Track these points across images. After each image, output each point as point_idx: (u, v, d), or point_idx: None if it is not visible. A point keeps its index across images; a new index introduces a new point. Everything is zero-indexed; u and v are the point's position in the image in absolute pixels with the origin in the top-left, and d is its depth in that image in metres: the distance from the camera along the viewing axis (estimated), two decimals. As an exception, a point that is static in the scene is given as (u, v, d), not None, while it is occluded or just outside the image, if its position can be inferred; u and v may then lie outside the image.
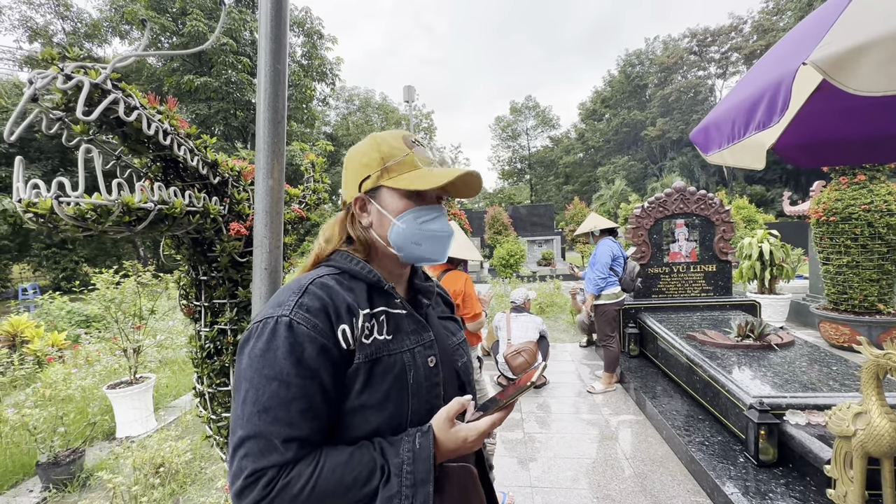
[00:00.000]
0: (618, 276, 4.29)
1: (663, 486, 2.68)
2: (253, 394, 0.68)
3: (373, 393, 0.74)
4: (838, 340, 5.14)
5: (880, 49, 1.07)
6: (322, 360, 0.70)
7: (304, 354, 0.69)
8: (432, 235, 0.83)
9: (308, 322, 0.71)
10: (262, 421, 0.67)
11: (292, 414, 0.67)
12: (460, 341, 0.97)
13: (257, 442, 0.66)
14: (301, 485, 0.65)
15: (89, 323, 7.06)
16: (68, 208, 0.99)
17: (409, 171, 0.82)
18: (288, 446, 0.67)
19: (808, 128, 2.09)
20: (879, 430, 1.66)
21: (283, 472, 0.66)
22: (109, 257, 19.27)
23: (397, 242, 0.83)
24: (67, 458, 3.00)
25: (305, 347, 0.69)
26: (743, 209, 16.09)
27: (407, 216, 0.82)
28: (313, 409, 0.69)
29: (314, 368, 0.69)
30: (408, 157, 0.82)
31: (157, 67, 21.14)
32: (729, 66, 39.82)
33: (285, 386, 0.68)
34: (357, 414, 0.74)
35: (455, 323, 1.02)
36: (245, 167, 1.58)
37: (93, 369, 4.54)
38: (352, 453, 0.70)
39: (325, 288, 0.76)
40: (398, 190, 0.82)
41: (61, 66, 0.99)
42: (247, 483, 0.65)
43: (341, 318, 0.73)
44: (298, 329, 0.70)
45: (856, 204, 5.00)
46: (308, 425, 0.68)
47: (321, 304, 0.73)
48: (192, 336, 1.63)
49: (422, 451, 0.70)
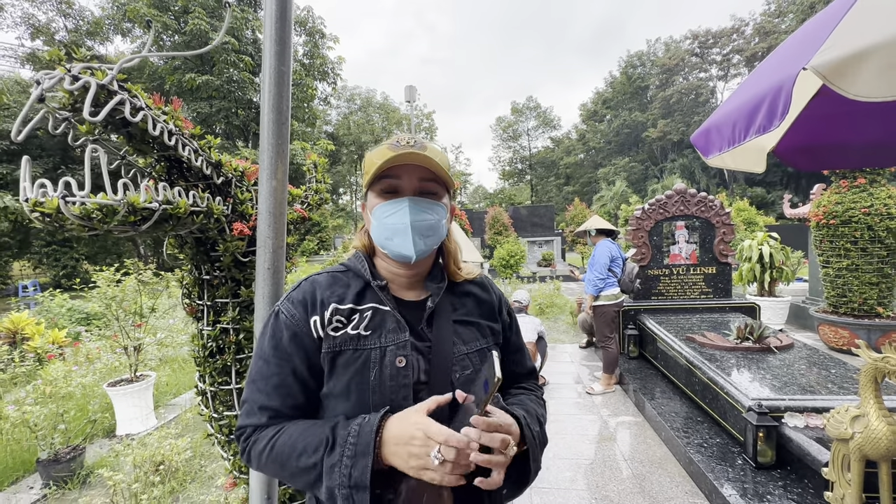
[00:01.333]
0: (617, 277, 4.30)
1: (661, 488, 2.69)
2: (251, 367, 0.85)
3: (336, 383, 0.81)
4: (837, 343, 5.15)
5: (881, 55, 1.08)
6: (294, 345, 0.81)
7: (282, 340, 0.82)
8: (394, 229, 0.84)
9: (288, 311, 0.83)
10: (250, 389, 0.83)
11: (269, 387, 0.81)
12: (472, 350, 0.88)
13: (247, 405, 0.83)
14: (263, 444, 0.77)
15: (90, 320, 7.06)
16: (74, 208, 1.00)
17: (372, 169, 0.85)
18: (262, 412, 0.80)
19: (809, 131, 2.10)
20: (877, 433, 1.66)
21: (256, 432, 0.80)
22: (110, 255, 19.29)
23: (377, 240, 0.89)
24: (68, 456, 3.01)
25: (283, 334, 0.82)
26: (743, 211, 16.10)
27: (375, 212, 0.86)
28: (285, 386, 0.81)
29: (288, 352, 0.81)
30: (376, 153, 0.84)
31: (159, 66, 21.15)
32: (730, 69, 39.85)
33: (266, 363, 0.82)
34: (329, 399, 0.82)
35: (475, 329, 0.92)
36: (248, 167, 1.59)
37: (93, 367, 4.55)
38: (310, 425, 0.78)
39: (313, 283, 0.87)
40: (372, 189, 0.87)
41: (68, 67, 1.00)
42: (237, 435, 0.82)
43: (315, 309, 0.83)
44: (281, 317, 0.83)
45: (856, 207, 5.01)
46: (279, 399, 0.80)
47: (302, 297, 0.85)
48: (194, 335, 1.64)
49: (367, 425, 0.73)
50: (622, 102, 47.50)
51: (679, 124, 39.25)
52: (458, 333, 0.89)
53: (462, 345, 0.88)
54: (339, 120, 40.04)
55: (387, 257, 0.90)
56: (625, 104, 47.15)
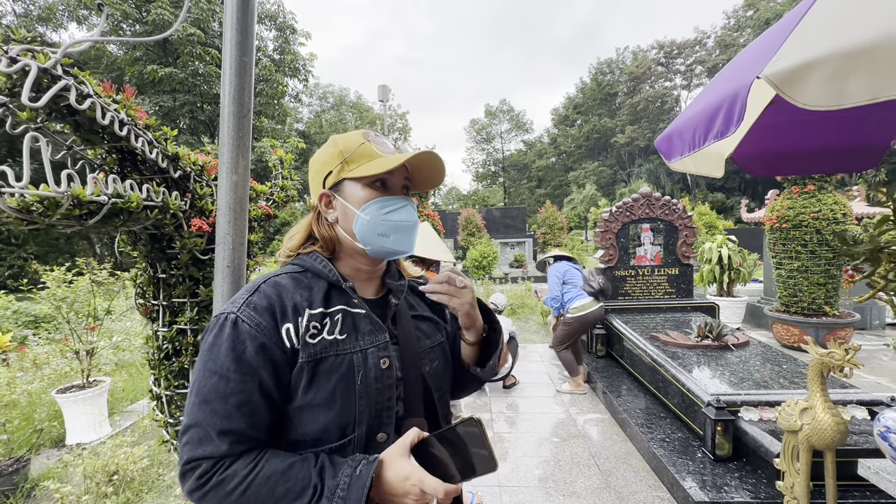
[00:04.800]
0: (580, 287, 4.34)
1: (626, 483, 2.76)
2: (197, 385, 0.71)
3: (318, 392, 0.74)
4: (789, 341, 5.45)
5: (827, 65, 1.14)
6: (261, 358, 0.72)
7: (245, 352, 0.71)
8: (397, 226, 0.82)
9: (252, 320, 0.73)
10: (202, 411, 0.69)
11: (229, 407, 0.69)
12: (434, 344, 0.92)
13: (196, 431, 0.69)
14: (234, 485, 0.67)
15: (38, 323, 6.62)
16: (11, 199, 0.92)
17: (368, 160, 0.82)
18: (223, 438, 0.68)
19: (763, 139, 2.21)
20: (823, 424, 1.76)
21: (218, 467, 0.68)
22: (62, 254, 18.16)
23: (363, 235, 0.82)
24: (10, 468, 2.80)
25: (247, 345, 0.71)
26: (705, 215, 16.82)
27: (370, 207, 0.81)
28: (251, 405, 0.71)
29: (253, 366, 0.71)
30: (364, 147, 0.82)
31: (118, 56, 20.15)
32: (693, 79, 41.61)
33: (224, 380, 0.70)
34: (305, 412, 0.75)
35: (432, 325, 0.96)
36: (209, 161, 1.52)
37: (41, 373, 4.26)
38: (291, 465, 0.70)
39: (277, 287, 0.78)
40: (360, 180, 0.82)
41: (5, 48, 0.93)
42: (184, 470, 0.69)
43: (287, 317, 0.75)
44: (242, 327, 0.72)
45: (805, 212, 5.32)
46: (245, 420, 0.70)
47: (268, 303, 0.75)
48: (148, 336, 1.56)
49: (359, 478, 0.68)
50: (592, 108, 48.77)
51: (646, 131, 40.67)
52: (419, 329, 0.91)
53: (426, 339, 0.91)
54: (310, 118, 39.29)
55: (358, 254, 0.85)
56: (595, 110, 48.43)
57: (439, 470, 0.70)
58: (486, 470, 0.69)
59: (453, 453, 0.71)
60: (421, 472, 0.69)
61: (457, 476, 0.70)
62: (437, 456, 0.72)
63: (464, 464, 0.70)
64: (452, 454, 0.71)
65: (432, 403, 0.89)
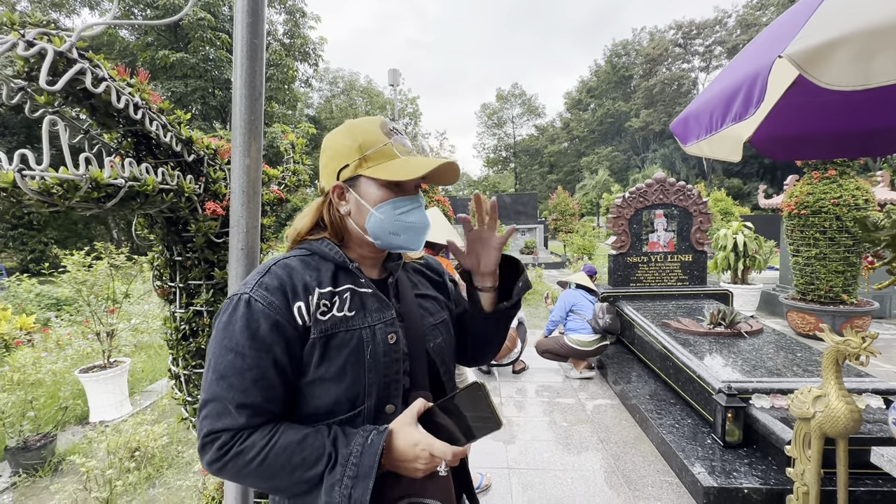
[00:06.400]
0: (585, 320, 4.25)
1: (635, 467, 2.78)
2: (214, 362, 0.75)
3: (329, 366, 0.78)
4: (804, 329, 5.37)
5: (853, 43, 1.09)
6: (275, 334, 0.75)
7: (259, 330, 0.74)
8: (410, 226, 0.85)
9: (265, 300, 0.76)
10: (220, 387, 0.73)
11: (246, 382, 0.73)
12: (438, 322, 0.96)
13: (215, 405, 0.73)
14: (253, 455, 0.71)
15: (60, 306, 6.83)
16: (32, 182, 0.95)
17: (388, 160, 0.83)
18: (240, 412, 0.72)
19: (784, 121, 2.14)
20: (836, 412, 1.75)
21: (237, 438, 0.72)
22: (80, 239, 18.57)
23: (375, 232, 0.84)
24: (38, 443, 2.93)
25: (261, 323, 0.75)
26: (720, 201, 16.51)
27: (385, 207, 0.83)
28: (266, 379, 0.74)
29: (268, 342, 0.75)
30: (386, 147, 0.82)
31: (131, 42, 20.21)
32: (712, 60, 40.35)
33: (241, 357, 0.73)
34: (316, 385, 0.79)
35: (435, 303, 0.99)
36: (221, 145, 1.54)
37: (64, 353, 4.41)
38: (306, 435, 0.74)
39: (287, 268, 0.81)
40: (377, 180, 0.83)
41: (22, 32, 0.94)
42: (204, 442, 0.73)
43: (298, 295, 0.78)
44: (255, 306, 0.75)
45: (825, 198, 5.18)
46: (261, 394, 0.74)
47: (279, 283, 0.78)
48: (166, 318, 1.60)
49: (371, 446, 0.73)
50: (606, 92, 47.71)
51: (661, 114, 39.71)
52: (422, 307, 0.95)
53: (429, 316, 0.95)
54: (321, 103, 39.11)
55: (366, 244, 0.88)
56: (609, 93, 47.38)
57: (444, 435, 0.76)
58: (492, 429, 0.75)
59: (458, 419, 0.76)
60: (429, 438, 0.74)
61: (462, 439, 0.76)
62: (442, 423, 0.77)
63: (469, 427, 0.76)
64: (457, 420, 0.76)
65: (437, 377, 0.93)
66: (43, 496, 2.68)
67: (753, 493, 2.28)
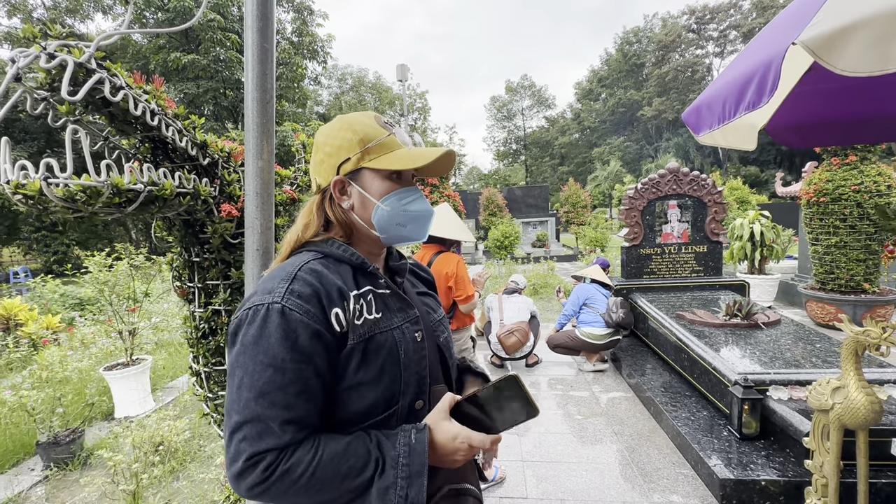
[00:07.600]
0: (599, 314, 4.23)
1: (650, 459, 2.78)
2: (248, 379, 0.69)
3: (368, 370, 0.77)
4: (824, 319, 5.26)
5: (869, 29, 1.07)
6: (315, 344, 0.72)
7: (299, 340, 0.71)
8: (415, 216, 0.86)
9: (300, 308, 0.72)
10: (259, 405, 0.68)
11: (289, 397, 0.70)
12: (440, 317, 1.01)
13: (254, 426, 0.68)
14: (300, 471, 0.68)
15: (83, 306, 7.04)
16: (57, 190, 0.99)
17: (390, 151, 0.83)
18: (285, 429, 0.69)
19: (800, 108, 2.09)
20: (856, 403, 1.72)
21: (282, 457, 0.68)
22: (101, 240, 19.08)
23: (381, 224, 0.84)
24: (67, 438, 3.05)
25: (299, 333, 0.71)
26: (737, 190, 16.16)
27: (391, 198, 0.84)
28: (308, 391, 0.72)
29: (308, 353, 0.71)
30: (389, 139, 0.83)
31: (143, 45, 20.52)
32: (727, 45, 39.30)
33: (281, 371, 0.69)
34: (353, 391, 0.77)
35: (433, 299, 1.05)
36: (235, 148, 1.57)
37: (89, 351, 4.56)
38: (348, 444, 0.73)
39: (315, 273, 0.77)
40: (380, 171, 0.83)
41: (44, 45, 0.98)
42: (246, 466, 0.67)
43: (333, 302, 0.75)
44: (291, 315, 0.71)
45: (846, 185, 5.04)
46: (304, 407, 0.71)
47: (312, 290, 0.74)
48: (186, 317, 1.64)
49: (417, 444, 0.74)
50: (617, 80, 46.89)
51: (674, 102, 38.90)
52: (426, 304, 0.99)
53: (433, 313, 1.00)
54: (330, 100, 39.28)
55: (371, 240, 0.88)
56: (620, 82, 46.56)
57: (476, 425, 0.79)
58: (531, 416, 0.79)
59: (496, 408, 0.80)
60: (466, 430, 0.77)
61: (496, 427, 0.80)
62: (472, 414, 0.81)
63: (505, 416, 0.80)
64: (494, 409, 0.80)
65: (448, 370, 0.97)
66: (73, 489, 2.79)
67: (771, 485, 2.26)
